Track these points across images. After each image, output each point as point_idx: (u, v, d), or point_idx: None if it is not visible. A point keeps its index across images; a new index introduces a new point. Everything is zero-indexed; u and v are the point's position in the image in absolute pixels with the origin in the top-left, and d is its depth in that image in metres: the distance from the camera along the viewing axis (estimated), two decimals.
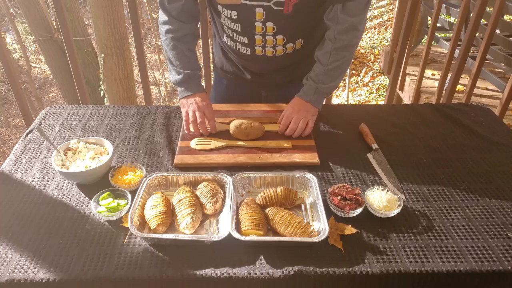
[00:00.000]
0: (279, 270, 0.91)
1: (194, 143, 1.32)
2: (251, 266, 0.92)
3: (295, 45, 1.38)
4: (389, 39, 4.97)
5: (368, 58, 7.21)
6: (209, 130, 1.35)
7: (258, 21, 1.29)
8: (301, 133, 1.33)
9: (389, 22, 7.81)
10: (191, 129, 1.36)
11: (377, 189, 1.10)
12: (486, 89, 3.06)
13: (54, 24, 5.43)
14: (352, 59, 1.33)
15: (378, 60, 6.81)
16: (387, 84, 4.67)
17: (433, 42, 2.86)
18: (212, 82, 1.77)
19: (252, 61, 1.45)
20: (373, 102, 6.12)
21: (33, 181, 1.18)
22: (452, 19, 3.19)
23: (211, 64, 1.83)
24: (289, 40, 1.35)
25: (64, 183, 1.18)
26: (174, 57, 1.36)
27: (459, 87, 2.49)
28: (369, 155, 1.29)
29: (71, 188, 1.16)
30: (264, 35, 1.33)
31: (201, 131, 1.35)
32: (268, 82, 1.55)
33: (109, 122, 1.47)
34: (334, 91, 1.42)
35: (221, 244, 0.95)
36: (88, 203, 1.10)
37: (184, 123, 1.37)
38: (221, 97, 1.70)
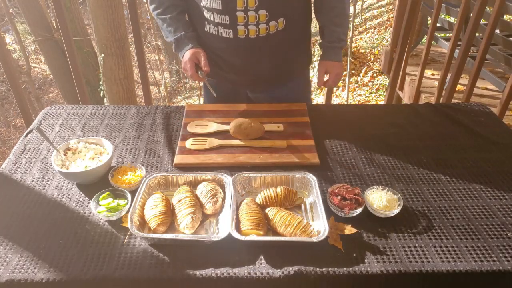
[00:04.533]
0: (279, 270, 0.91)
1: (189, 143, 1.32)
2: (251, 266, 0.92)
3: (278, 24, 1.37)
4: (389, 39, 4.96)
5: (368, 58, 7.20)
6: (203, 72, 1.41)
7: None
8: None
9: (389, 22, 7.80)
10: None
11: (377, 189, 1.10)
12: (486, 89, 3.05)
13: (54, 24, 5.43)
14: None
15: (378, 60, 6.80)
16: (387, 84, 4.67)
17: (433, 42, 2.86)
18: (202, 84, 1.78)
19: (235, 48, 1.42)
20: (373, 102, 6.11)
21: (33, 181, 1.18)
22: (452, 19, 3.19)
23: None
24: (272, 17, 1.35)
25: (64, 183, 1.18)
26: (164, 31, 1.48)
27: (459, 86, 2.49)
28: None
29: (71, 188, 1.16)
30: (246, 10, 1.32)
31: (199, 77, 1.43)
32: (251, 79, 1.54)
33: (109, 122, 1.47)
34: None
35: (221, 244, 0.95)
36: (88, 203, 1.10)
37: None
38: (212, 100, 1.70)
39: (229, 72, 1.52)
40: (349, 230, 1.01)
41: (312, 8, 1.51)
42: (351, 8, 6.98)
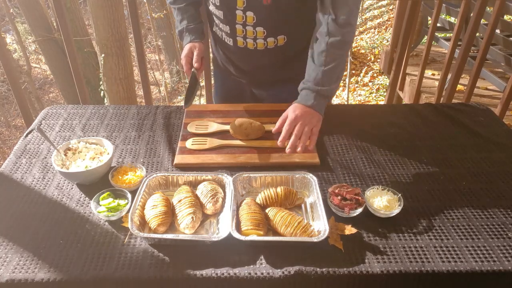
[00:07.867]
0: (279, 270, 0.91)
1: (189, 143, 1.32)
2: (251, 266, 0.92)
3: (277, 40, 1.36)
4: (389, 39, 4.96)
5: (368, 58, 7.21)
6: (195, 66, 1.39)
7: (239, 9, 1.28)
8: (306, 145, 1.17)
9: (389, 22, 7.80)
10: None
11: (377, 189, 1.10)
12: (486, 89, 3.05)
13: (54, 24, 5.44)
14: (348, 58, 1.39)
15: (378, 60, 6.80)
16: (387, 84, 4.67)
17: (433, 42, 2.86)
18: (213, 78, 1.79)
19: (235, 54, 1.45)
20: (373, 102, 6.12)
21: (33, 181, 1.18)
22: (452, 19, 3.19)
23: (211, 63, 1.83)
24: (269, 34, 1.34)
25: (64, 183, 1.18)
26: (176, 21, 1.49)
27: (459, 87, 2.49)
28: None
29: (71, 188, 1.16)
30: (244, 24, 1.32)
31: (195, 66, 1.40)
32: (253, 80, 1.56)
33: (109, 122, 1.48)
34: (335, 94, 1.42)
35: (221, 244, 0.95)
36: (88, 203, 1.10)
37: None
38: (220, 92, 1.71)
39: (234, 70, 1.54)
40: (349, 230, 1.01)
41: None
42: None
